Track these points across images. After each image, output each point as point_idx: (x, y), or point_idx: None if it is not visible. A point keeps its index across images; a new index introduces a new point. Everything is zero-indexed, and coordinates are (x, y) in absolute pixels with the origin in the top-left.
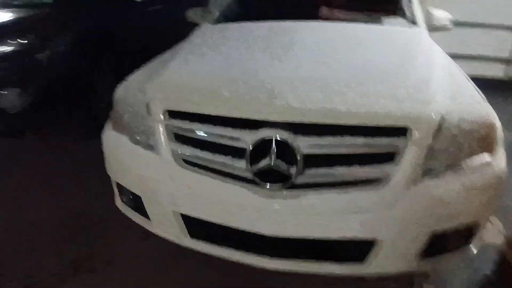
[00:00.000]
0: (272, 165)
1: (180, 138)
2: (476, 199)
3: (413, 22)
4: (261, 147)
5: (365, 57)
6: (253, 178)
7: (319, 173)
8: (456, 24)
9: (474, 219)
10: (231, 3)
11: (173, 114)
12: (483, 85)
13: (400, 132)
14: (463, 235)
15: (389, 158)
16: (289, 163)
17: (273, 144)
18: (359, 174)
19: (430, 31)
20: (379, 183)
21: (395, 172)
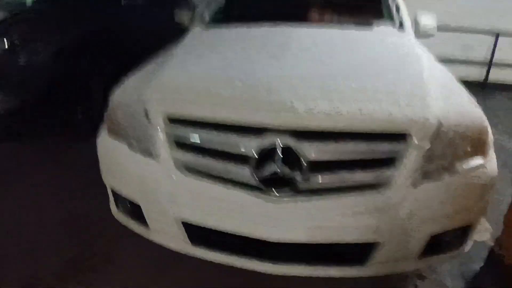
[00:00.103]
0: (278, 171)
1: (181, 145)
2: (472, 200)
3: (401, 28)
4: (265, 153)
5: (361, 64)
6: (257, 184)
7: (322, 178)
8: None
9: (469, 220)
10: (221, 6)
11: (174, 121)
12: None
13: (400, 137)
14: (458, 235)
15: (390, 162)
16: (293, 169)
17: (278, 151)
18: (361, 178)
19: (417, 36)
20: (381, 187)
21: (396, 176)
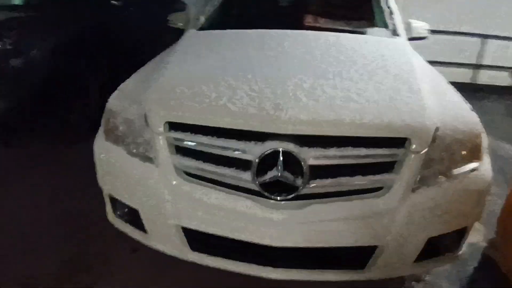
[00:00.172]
0: (280, 177)
1: (182, 150)
2: (468, 204)
3: (395, 32)
4: (267, 159)
5: (359, 70)
6: (259, 189)
7: (323, 183)
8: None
9: (465, 223)
10: (216, 10)
11: (174, 126)
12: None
13: (399, 142)
14: (454, 238)
15: (389, 167)
16: (294, 174)
17: (280, 157)
18: (361, 183)
19: (409, 40)
20: (380, 191)
21: (396, 181)
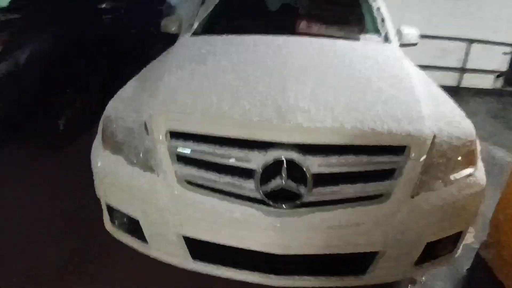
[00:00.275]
0: (284, 185)
1: (183, 159)
2: (465, 208)
3: (387, 39)
4: (270, 168)
5: (355, 78)
6: (262, 198)
7: (326, 191)
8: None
9: (462, 226)
10: (209, 15)
11: (176, 135)
12: None
13: (399, 150)
14: (451, 241)
15: (389, 174)
16: (298, 182)
17: (284, 165)
18: (363, 190)
19: (400, 46)
20: (381, 198)
21: (396, 188)
